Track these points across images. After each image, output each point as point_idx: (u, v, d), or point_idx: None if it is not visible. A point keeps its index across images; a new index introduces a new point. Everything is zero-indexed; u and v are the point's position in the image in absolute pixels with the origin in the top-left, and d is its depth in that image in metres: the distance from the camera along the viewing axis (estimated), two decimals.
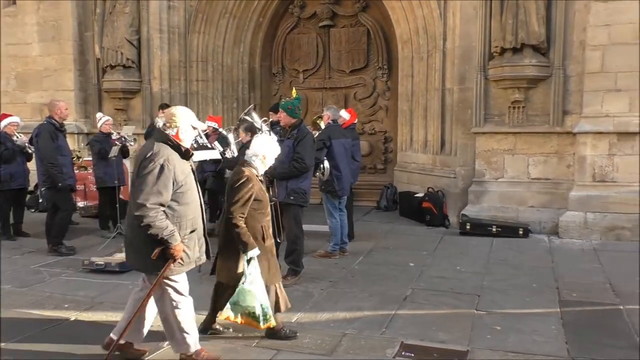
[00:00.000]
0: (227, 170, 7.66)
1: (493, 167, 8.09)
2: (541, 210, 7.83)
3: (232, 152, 7.51)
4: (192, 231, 3.56)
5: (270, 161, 4.20)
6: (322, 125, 6.29)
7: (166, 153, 3.39)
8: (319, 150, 6.17)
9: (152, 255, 3.39)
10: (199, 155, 7.00)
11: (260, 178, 4.12)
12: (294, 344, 4.04)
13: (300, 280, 5.55)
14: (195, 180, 3.65)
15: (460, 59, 8.38)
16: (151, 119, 9.73)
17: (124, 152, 8.10)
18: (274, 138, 4.67)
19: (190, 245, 3.55)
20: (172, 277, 3.54)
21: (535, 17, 7.58)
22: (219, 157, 7.06)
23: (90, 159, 8.49)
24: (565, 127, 7.69)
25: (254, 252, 3.84)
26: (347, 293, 5.21)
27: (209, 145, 7.40)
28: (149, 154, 3.37)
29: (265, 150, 4.11)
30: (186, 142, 3.54)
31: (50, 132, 6.82)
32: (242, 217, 3.88)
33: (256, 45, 11.14)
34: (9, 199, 7.70)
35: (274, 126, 6.12)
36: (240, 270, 3.90)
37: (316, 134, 6.59)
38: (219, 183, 7.73)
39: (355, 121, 7.66)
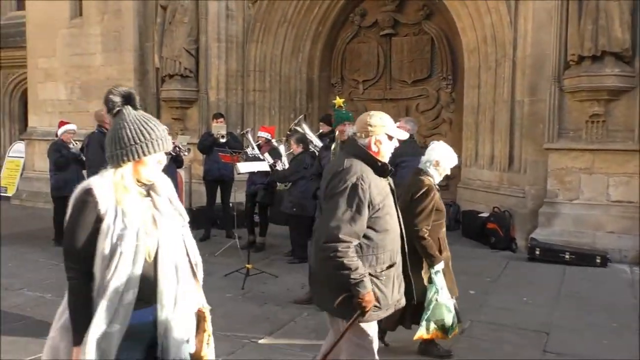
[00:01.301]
0: (278, 183, 7.38)
1: (567, 187, 7.34)
2: (622, 236, 6.98)
3: (283, 164, 7.24)
4: (391, 266, 2.85)
5: (446, 169, 3.92)
6: None
7: (359, 169, 2.75)
8: None
9: (335, 301, 2.75)
10: (247, 167, 6.77)
11: (437, 187, 3.90)
12: None
13: None
14: (395, 202, 2.94)
15: (532, 68, 7.71)
16: (207, 129, 9.63)
17: (178, 162, 7.99)
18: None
19: (387, 284, 2.82)
20: (362, 325, 2.83)
21: (618, 23, 6.83)
22: (268, 169, 6.79)
23: None
24: None
25: (441, 266, 3.77)
26: None
27: (260, 157, 7.18)
28: (339, 170, 2.79)
29: (440, 157, 3.86)
30: (384, 156, 2.89)
31: (100, 141, 6.74)
32: (428, 229, 3.76)
33: (315, 55, 10.86)
34: (63, 206, 7.70)
35: (322, 137, 5.73)
36: (425, 283, 3.77)
37: None
38: (269, 196, 7.47)
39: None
